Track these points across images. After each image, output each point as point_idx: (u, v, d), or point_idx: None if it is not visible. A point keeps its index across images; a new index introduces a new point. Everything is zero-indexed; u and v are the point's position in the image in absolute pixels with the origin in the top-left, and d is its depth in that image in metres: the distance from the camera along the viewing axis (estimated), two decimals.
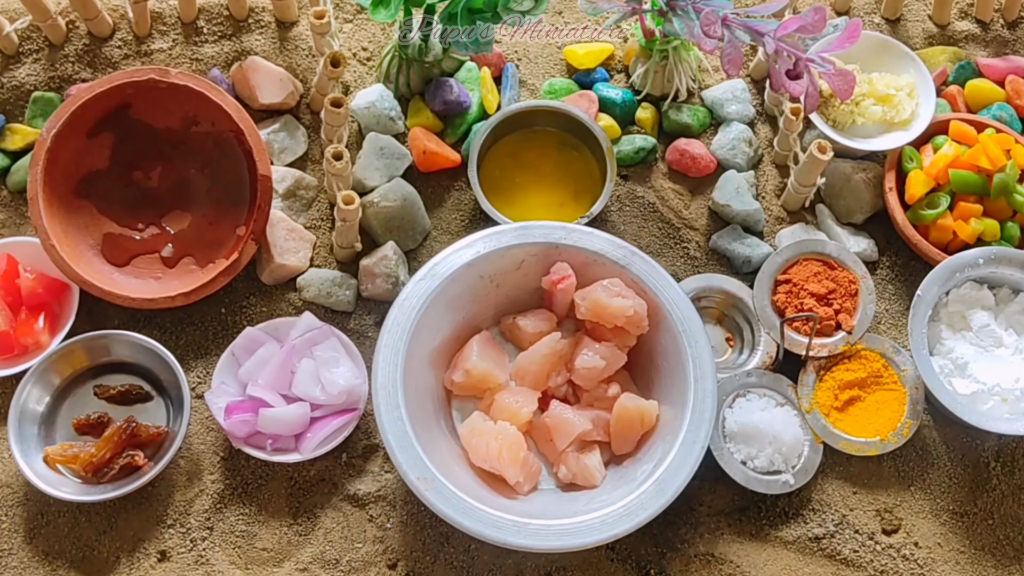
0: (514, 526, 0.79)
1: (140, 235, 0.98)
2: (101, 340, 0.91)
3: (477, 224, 1.00)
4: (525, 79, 1.07)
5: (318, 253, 0.99)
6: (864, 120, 1.02)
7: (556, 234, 0.89)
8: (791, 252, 0.97)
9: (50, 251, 0.91)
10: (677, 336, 0.86)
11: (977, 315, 0.93)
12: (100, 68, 1.03)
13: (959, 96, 1.07)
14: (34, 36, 1.03)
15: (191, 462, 0.91)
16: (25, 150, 1.00)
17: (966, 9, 1.13)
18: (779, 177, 1.05)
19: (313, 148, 1.03)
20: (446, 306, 0.88)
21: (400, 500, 0.91)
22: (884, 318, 1.00)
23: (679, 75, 1.04)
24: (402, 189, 0.98)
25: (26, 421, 0.88)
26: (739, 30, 0.92)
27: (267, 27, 1.06)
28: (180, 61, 1.04)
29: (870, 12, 1.13)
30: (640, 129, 1.05)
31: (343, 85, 1.05)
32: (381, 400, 0.82)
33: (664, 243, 1.01)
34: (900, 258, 1.02)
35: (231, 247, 0.96)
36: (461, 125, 1.03)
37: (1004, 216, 0.99)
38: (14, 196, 1.00)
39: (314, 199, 1.01)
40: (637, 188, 1.03)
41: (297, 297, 0.97)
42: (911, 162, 1.00)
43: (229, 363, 0.92)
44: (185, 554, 0.88)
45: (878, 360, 0.94)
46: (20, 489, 0.90)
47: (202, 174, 0.99)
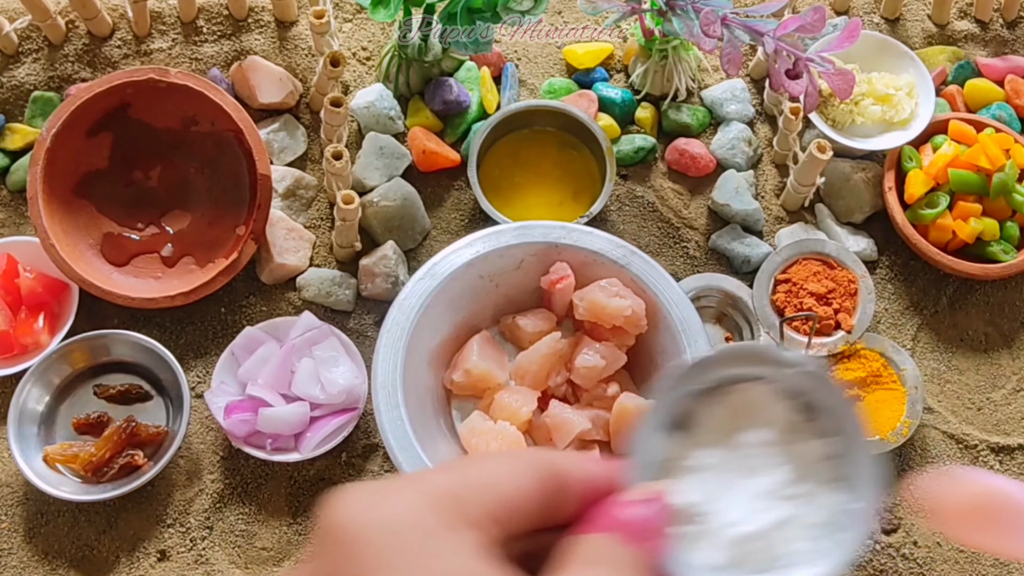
0: None
1: (140, 235, 0.98)
2: (101, 340, 0.91)
3: (477, 224, 1.00)
4: (525, 79, 1.08)
5: (318, 253, 0.99)
6: (863, 120, 1.02)
7: (555, 234, 0.89)
8: (790, 252, 0.97)
9: (50, 251, 0.91)
10: (677, 336, 0.86)
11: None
12: (100, 68, 1.03)
13: (958, 96, 1.07)
14: (34, 36, 1.03)
15: (191, 462, 0.91)
16: (25, 150, 1.00)
17: (965, 9, 1.13)
18: (778, 177, 1.05)
19: (313, 148, 1.03)
20: (446, 306, 0.88)
21: None
22: (883, 317, 1.00)
23: (678, 75, 1.04)
24: (402, 189, 0.98)
25: (26, 421, 0.89)
26: (738, 30, 0.92)
27: (267, 27, 1.06)
28: (180, 61, 1.04)
29: (869, 12, 1.13)
30: (640, 129, 1.05)
31: (343, 85, 1.05)
32: (381, 400, 0.82)
33: (663, 243, 1.01)
34: (900, 258, 1.02)
35: (231, 247, 0.96)
36: (461, 125, 1.03)
37: (1003, 216, 0.99)
38: (13, 196, 1.00)
39: (314, 199, 1.01)
40: (636, 188, 1.03)
41: (297, 297, 0.97)
42: (910, 161, 1.00)
43: (229, 363, 0.92)
44: (185, 553, 0.88)
45: (877, 359, 0.94)
46: (20, 489, 0.90)
47: (202, 174, 0.99)
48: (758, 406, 0.62)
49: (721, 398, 0.63)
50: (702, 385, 0.61)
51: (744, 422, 0.62)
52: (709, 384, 0.62)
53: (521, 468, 0.39)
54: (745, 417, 0.63)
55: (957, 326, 1.00)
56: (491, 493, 0.38)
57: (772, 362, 0.60)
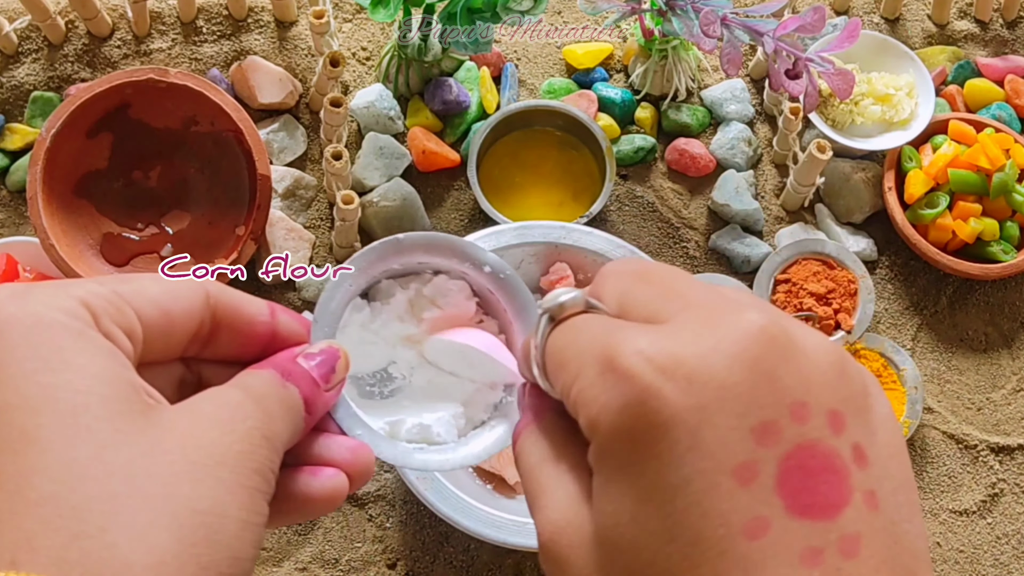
0: (514, 526, 0.79)
1: (139, 235, 0.98)
2: None
3: (476, 224, 1.00)
4: (524, 79, 1.07)
5: (317, 253, 0.99)
6: (863, 120, 1.02)
7: (555, 234, 0.89)
8: (790, 252, 0.97)
9: (49, 251, 0.91)
10: None
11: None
12: (99, 68, 1.03)
13: (958, 95, 1.07)
14: (33, 36, 1.03)
15: None
16: (24, 150, 1.00)
17: (965, 9, 1.13)
18: (778, 177, 1.05)
19: (312, 148, 1.03)
20: None
21: (399, 499, 0.91)
22: (883, 317, 1.00)
23: (678, 75, 1.04)
24: (401, 189, 0.98)
25: None
26: (738, 30, 0.92)
27: (266, 27, 1.06)
28: (179, 61, 1.04)
29: (869, 12, 1.13)
30: (639, 129, 1.05)
31: (342, 85, 1.05)
32: None
33: (663, 243, 1.01)
34: (899, 258, 1.02)
35: (230, 247, 0.96)
36: (460, 125, 1.03)
37: (1003, 216, 0.99)
38: (13, 196, 1.00)
39: (313, 199, 1.01)
40: (636, 188, 1.03)
41: (296, 297, 0.97)
42: (910, 161, 1.00)
43: None
44: None
45: (877, 359, 0.94)
46: None
47: (201, 174, 0.99)
48: (449, 297, 0.67)
49: (417, 284, 0.67)
50: (399, 267, 0.64)
51: (430, 304, 0.67)
52: (407, 269, 0.65)
53: (183, 286, 0.39)
54: (434, 301, 0.67)
55: (957, 326, 1.00)
56: (147, 303, 0.37)
57: (468, 258, 0.64)
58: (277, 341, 0.43)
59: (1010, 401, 0.98)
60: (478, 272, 0.68)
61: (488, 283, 0.67)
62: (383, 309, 0.69)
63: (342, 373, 0.43)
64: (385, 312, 0.69)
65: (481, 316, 0.67)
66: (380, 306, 0.69)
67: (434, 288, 0.71)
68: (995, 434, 0.96)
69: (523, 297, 0.68)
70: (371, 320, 0.65)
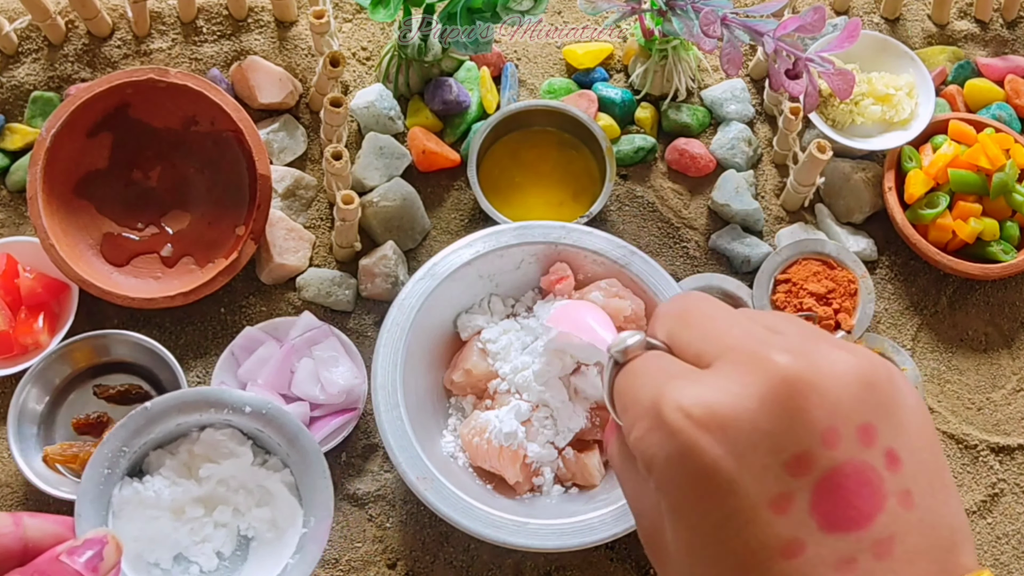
0: (514, 526, 0.79)
1: (139, 235, 0.98)
2: (100, 340, 0.91)
3: (476, 224, 1.00)
4: (524, 79, 1.07)
5: (317, 253, 0.99)
6: (863, 120, 1.02)
7: (555, 234, 0.89)
8: (790, 251, 0.97)
9: (49, 251, 0.91)
10: None
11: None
12: (99, 68, 1.03)
13: (958, 95, 1.07)
14: (33, 36, 1.03)
15: None
16: (24, 150, 1.00)
17: (965, 9, 1.13)
18: (778, 177, 1.05)
19: (312, 148, 1.03)
20: (446, 305, 0.88)
21: (400, 500, 0.91)
22: (883, 317, 1.00)
23: (678, 75, 1.04)
24: (401, 189, 0.98)
25: (25, 421, 0.88)
26: (738, 30, 0.92)
27: (266, 27, 1.06)
28: (179, 61, 1.04)
29: (869, 12, 1.13)
30: (639, 129, 1.05)
31: (342, 85, 1.05)
32: (381, 400, 0.82)
33: (663, 243, 1.01)
34: (900, 258, 1.02)
35: (230, 247, 0.96)
36: (460, 125, 1.03)
37: (1003, 216, 0.99)
38: (13, 196, 1.00)
39: (313, 199, 1.01)
40: (636, 188, 1.03)
41: (296, 297, 0.97)
42: (910, 161, 1.00)
43: (228, 363, 0.92)
44: None
45: None
46: (19, 489, 0.90)
47: (201, 174, 0.99)
48: (220, 448, 0.75)
49: (187, 445, 0.76)
50: (162, 435, 0.70)
51: (205, 461, 0.75)
52: (169, 435, 0.73)
53: None
54: (208, 457, 0.75)
55: (957, 326, 1.00)
56: None
57: (225, 405, 0.71)
58: (31, 549, 0.43)
59: (1010, 401, 0.98)
60: (240, 415, 0.74)
61: (254, 423, 0.73)
62: (154, 481, 0.73)
63: (112, 558, 0.44)
64: (157, 482, 0.74)
65: (264, 457, 0.75)
66: (151, 479, 0.74)
67: (204, 444, 0.77)
68: (995, 434, 0.96)
69: (292, 427, 0.76)
70: (144, 494, 0.70)
